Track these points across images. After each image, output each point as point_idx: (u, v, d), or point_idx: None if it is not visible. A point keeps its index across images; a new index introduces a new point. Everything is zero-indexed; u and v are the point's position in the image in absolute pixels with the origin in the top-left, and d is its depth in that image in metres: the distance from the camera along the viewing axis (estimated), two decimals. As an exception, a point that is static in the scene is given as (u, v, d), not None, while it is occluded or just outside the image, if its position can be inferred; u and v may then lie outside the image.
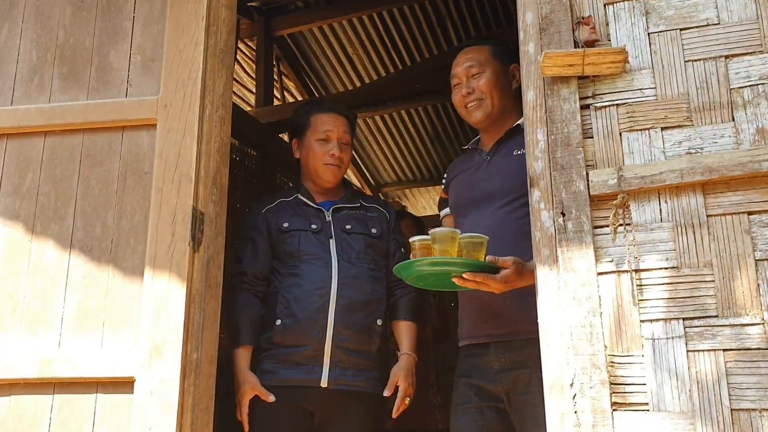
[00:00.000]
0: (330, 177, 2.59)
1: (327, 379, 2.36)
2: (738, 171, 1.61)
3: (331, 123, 2.61)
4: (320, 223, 2.53)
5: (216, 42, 2.22)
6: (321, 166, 2.58)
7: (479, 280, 1.89)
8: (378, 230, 2.58)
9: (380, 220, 2.62)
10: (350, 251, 2.50)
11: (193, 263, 2.02)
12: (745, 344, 1.54)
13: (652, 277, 1.63)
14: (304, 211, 2.56)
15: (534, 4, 1.87)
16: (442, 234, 1.94)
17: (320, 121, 2.60)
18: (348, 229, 2.53)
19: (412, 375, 2.47)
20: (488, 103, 2.27)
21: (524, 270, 1.93)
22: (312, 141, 2.59)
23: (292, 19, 4.90)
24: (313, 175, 2.61)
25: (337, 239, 2.51)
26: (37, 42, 2.29)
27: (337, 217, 2.56)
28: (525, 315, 2.03)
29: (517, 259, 1.92)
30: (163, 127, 2.12)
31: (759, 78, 1.67)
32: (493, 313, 2.13)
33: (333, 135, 2.59)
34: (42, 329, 2.04)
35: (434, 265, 1.92)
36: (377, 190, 6.94)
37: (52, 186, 2.15)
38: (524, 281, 1.94)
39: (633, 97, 1.75)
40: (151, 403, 1.91)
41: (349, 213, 2.58)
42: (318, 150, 2.57)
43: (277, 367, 2.40)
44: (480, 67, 2.29)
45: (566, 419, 1.61)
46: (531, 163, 1.80)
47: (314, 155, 2.58)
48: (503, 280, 1.90)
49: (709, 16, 1.74)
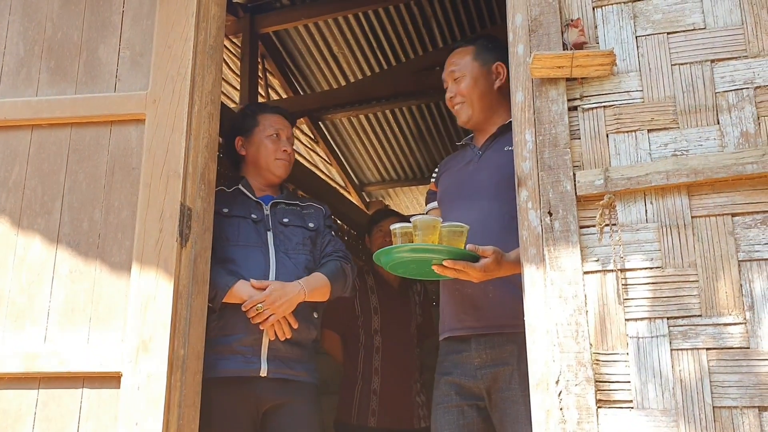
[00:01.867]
0: (281, 171, 2.66)
1: (266, 369, 2.37)
2: (722, 173, 1.64)
3: (280, 122, 2.72)
4: (260, 214, 2.58)
5: (205, 38, 2.22)
6: (273, 161, 2.65)
7: (459, 267, 1.92)
8: (315, 224, 2.65)
9: (317, 215, 2.69)
10: (287, 243, 2.54)
11: (180, 259, 2.02)
12: (727, 343, 1.57)
13: (637, 276, 1.66)
14: (244, 201, 2.60)
15: (523, 6, 1.89)
16: (423, 222, 1.96)
17: (269, 120, 2.70)
18: (285, 222, 2.58)
19: (286, 296, 2.38)
20: (468, 106, 2.32)
21: (503, 260, 1.96)
22: (262, 138, 2.66)
23: (278, 16, 4.89)
24: (263, 171, 2.66)
25: (274, 232, 2.55)
26: (24, 35, 2.28)
27: (275, 211, 2.61)
28: (506, 308, 2.06)
29: (497, 249, 1.96)
30: (151, 123, 2.11)
31: (743, 82, 1.70)
32: (474, 306, 2.15)
33: (282, 133, 2.69)
34: (28, 324, 2.02)
35: (415, 251, 1.93)
36: (361, 189, 6.95)
37: (39, 180, 2.14)
38: (503, 271, 1.98)
39: (620, 100, 1.77)
40: (138, 398, 1.91)
41: (286, 208, 2.64)
42: (270, 146, 2.65)
43: (216, 357, 2.34)
44: (461, 71, 2.34)
45: (551, 416, 1.63)
46: (519, 163, 1.82)
47: (266, 150, 2.65)
48: (482, 269, 1.93)
49: (696, 21, 1.77)
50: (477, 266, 1.93)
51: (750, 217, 1.63)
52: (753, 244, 1.61)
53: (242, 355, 2.37)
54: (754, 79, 1.69)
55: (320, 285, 2.48)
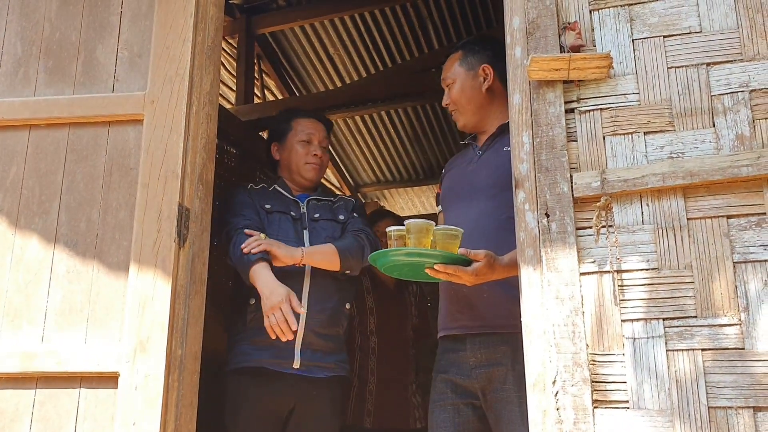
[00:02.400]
0: (312, 175, 2.74)
1: (299, 361, 2.45)
2: (718, 175, 1.65)
3: (313, 127, 2.79)
4: (297, 212, 2.67)
5: (204, 39, 2.22)
6: (303, 165, 2.73)
7: (450, 271, 1.93)
8: (344, 216, 2.72)
9: (346, 207, 2.77)
10: (318, 238, 2.62)
11: (178, 259, 2.03)
12: (723, 344, 1.59)
13: (634, 277, 1.67)
14: (283, 199, 2.70)
15: (521, 8, 1.90)
16: (416, 225, 1.98)
17: (302, 125, 2.78)
18: (316, 217, 2.67)
19: (282, 248, 2.48)
20: (460, 113, 2.37)
21: (496, 263, 1.98)
22: (294, 143, 2.75)
23: (274, 17, 4.89)
24: (294, 174, 2.75)
25: (309, 229, 2.64)
26: (22, 35, 2.28)
27: (310, 207, 2.71)
28: (501, 308, 2.08)
29: (489, 252, 1.97)
30: (149, 123, 2.12)
31: (739, 85, 1.72)
32: (469, 305, 2.16)
33: (314, 137, 2.76)
34: (25, 323, 2.03)
35: (409, 255, 1.96)
36: (356, 190, 6.95)
37: (36, 180, 2.14)
38: (496, 274, 1.99)
39: (617, 102, 1.79)
40: (136, 398, 1.91)
41: (318, 204, 2.72)
42: (301, 150, 2.74)
43: (251, 348, 2.47)
44: (451, 78, 2.38)
45: (548, 416, 1.64)
46: (516, 165, 1.83)
47: (297, 155, 2.74)
48: (474, 272, 1.94)
49: (692, 24, 1.79)
50: (468, 270, 1.94)
51: (745, 219, 1.64)
52: (748, 245, 1.62)
53: (276, 347, 2.43)
54: (749, 82, 1.71)
55: (325, 252, 2.53)
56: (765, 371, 1.55)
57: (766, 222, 1.63)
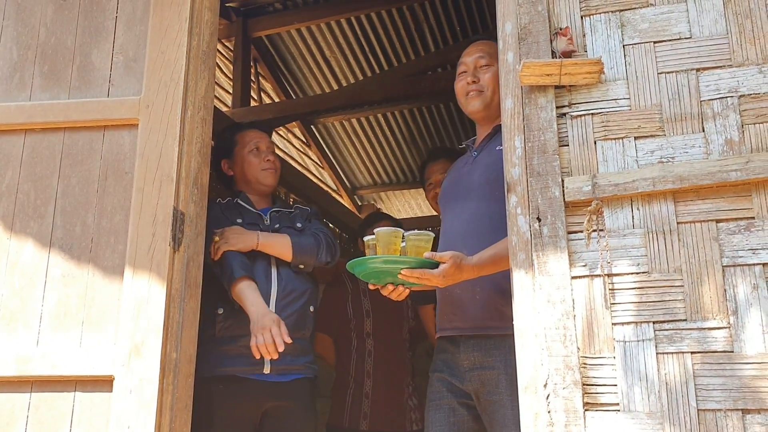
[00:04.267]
0: (270, 180, 2.78)
1: (269, 366, 2.48)
2: (707, 180, 1.67)
3: (256, 136, 2.84)
4: (263, 225, 2.70)
5: (198, 44, 2.23)
6: (260, 173, 2.76)
7: (417, 275, 1.96)
8: (301, 223, 2.75)
9: (302, 215, 2.80)
10: None
11: (173, 263, 2.04)
12: (712, 347, 1.60)
13: (624, 281, 1.69)
14: (248, 212, 2.72)
15: (513, 14, 1.91)
16: (383, 233, 2.06)
17: (248, 137, 2.82)
18: (277, 228, 2.69)
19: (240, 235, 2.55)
20: (488, 95, 2.30)
21: (464, 263, 2.00)
22: (245, 154, 2.78)
23: (270, 20, 4.91)
24: (254, 184, 2.78)
25: None
26: (17, 40, 2.29)
27: (272, 219, 2.73)
28: (492, 310, 2.09)
29: (456, 253, 1.99)
30: (144, 128, 2.13)
31: (728, 91, 1.73)
32: (462, 307, 2.18)
33: (261, 145, 2.81)
34: (20, 327, 2.03)
35: (386, 262, 1.99)
36: (353, 193, 6.97)
37: (31, 184, 2.15)
38: (465, 275, 2.01)
39: (608, 107, 1.80)
40: (130, 401, 1.92)
41: (277, 215, 2.75)
42: (253, 160, 2.77)
43: (222, 357, 2.49)
44: (489, 60, 2.32)
45: (539, 419, 1.65)
46: (508, 169, 1.84)
47: (250, 165, 2.77)
48: (441, 274, 1.97)
49: (682, 30, 1.80)
50: (435, 272, 1.97)
51: (734, 224, 1.66)
52: (737, 249, 1.64)
53: (246, 354, 2.44)
54: (738, 87, 1.72)
55: (278, 240, 2.61)
56: (753, 374, 1.56)
57: (754, 226, 1.64)
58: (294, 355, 2.53)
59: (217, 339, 2.51)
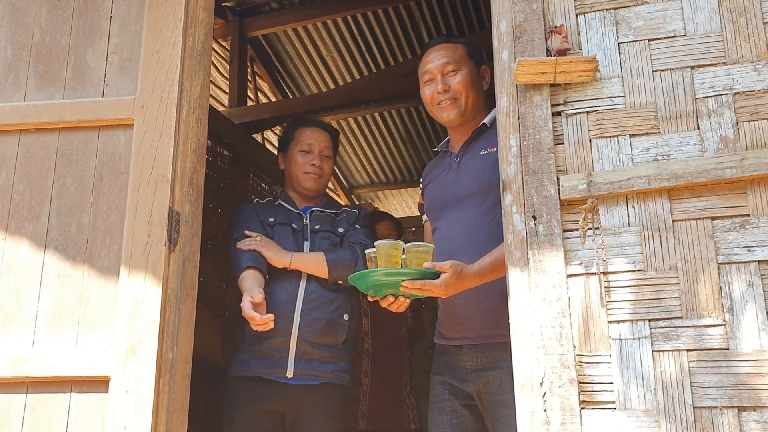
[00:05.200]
0: (310, 185, 2.74)
1: (293, 370, 2.47)
2: (702, 178, 1.67)
3: (314, 136, 2.78)
4: (300, 224, 2.69)
5: (193, 43, 2.23)
6: (302, 175, 2.74)
7: (418, 286, 1.96)
8: (344, 228, 2.71)
9: (347, 219, 2.76)
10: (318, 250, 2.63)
11: (168, 263, 2.03)
12: (707, 344, 1.60)
13: (620, 279, 1.69)
14: (286, 212, 2.72)
15: (508, 12, 1.91)
16: (384, 246, 2.08)
17: (303, 135, 2.78)
18: (316, 229, 2.68)
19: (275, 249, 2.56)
20: (462, 102, 2.26)
21: (465, 272, 2.00)
22: (295, 152, 2.76)
23: (267, 19, 4.90)
24: (295, 184, 2.77)
25: (310, 240, 2.66)
26: (12, 40, 2.28)
27: (311, 218, 2.71)
28: (497, 319, 2.07)
29: (456, 262, 1.99)
30: (139, 127, 2.13)
31: (723, 88, 1.73)
32: (468, 317, 2.17)
33: (314, 147, 2.76)
34: (16, 328, 2.03)
35: (387, 275, 2.01)
36: (350, 192, 6.96)
37: (26, 185, 2.15)
38: (467, 283, 2.01)
39: (603, 105, 1.80)
40: (127, 402, 1.92)
41: (320, 215, 2.72)
42: (300, 160, 2.74)
43: (249, 358, 2.53)
44: (456, 65, 2.27)
45: (536, 417, 1.65)
46: (504, 167, 1.84)
47: (296, 165, 2.75)
48: (443, 284, 1.97)
49: (676, 28, 1.80)
50: (437, 283, 1.97)
51: (729, 221, 1.66)
52: (732, 247, 1.64)
53: (271, 356, 2.48)
54: (733, 85, 1.72)
55: (313, 260, 2.56)
56: (749, 371, 1.56)
57: (750, 223, 1.64)
58: (321, 361, 2.52)
59: (246, 339, 2.54)
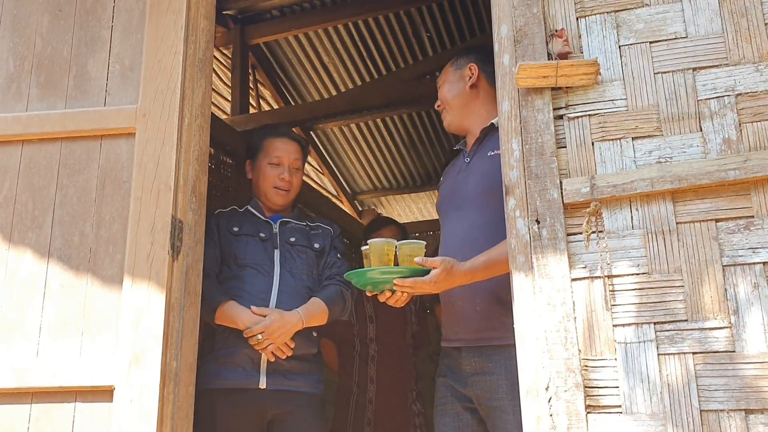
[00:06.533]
0: (279, 200, 2.66)
1: (265, 382, 2.43)
2: (706, 179, 1.66)
3: (283, 147, 2.68)
4: (268, 233, 2.61)
5: (195, 52, 2.23)
6: (270, 189, 2.65)
7: (408, 284, 1.99)
8: (320, 245, 2.66)
9: (324, 235, 2.70)
10: (292, 262, 2.58)
11: (172, 271, 2.03)
12: (713, 347, 1.59)
13: (624, 282, 1.68)
14: (253, 220, 2.64)
15: (509, 17, 1.91)
16: (376, 244, 2.10)
17: (272, 146, 2.68)
18: (292, 242, 2.61)
19: (285, 327, 2.42)
20: (447, 111, 2.40)
21: (455, 269, 2.01)
22: (264, 164, 2.67)
23: (268, 27, 4.91)
24: (262, 197, 2.69)
25: (281, 250, 2.59)
26: (14, 50, 2.29)
27: (284, 229, 2.64)
28: (493, 321, 2.09)
29: (446, 258, 2.01)
30: (141, 136, 2.13)
31: (725, 90, 1.73)
32: (465, 318, 2.18)
33: (284, 160, 2.66)
34: (19, 338, 2.03)
35: (383, 273, 2.04)
36: (353, 198, 6.96)
37: (29, 195, 2.15)
38: (457, 280, 2.03)
39: (605, 108, 1.80)
40: (131, 411, 1.91)
41: (294, 227, 2.66)
42: (269, 173, 2.65)
43: (219, 369, 2.45)
44: (441, 79, 2.44)
45: (542, 422, 1.64)
46: (506, 171, 1.84)
47: (265, 178, 2.66)
48: (432, 280, 1.99)
49: (677, 30, 1.80)
50: (426, 279, 1.99)
51: (733, 223, 1.65)
52: (736, 249, 1.63)
53: (242, 367, 2.44)
54: (735, 86, 1.72)
55: (318, 312, 2.51)
56: (755, 374, 1.55)
57: (754, 225, 1.63)
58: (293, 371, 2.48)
59: (216, 350, 2.49)
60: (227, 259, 2.56)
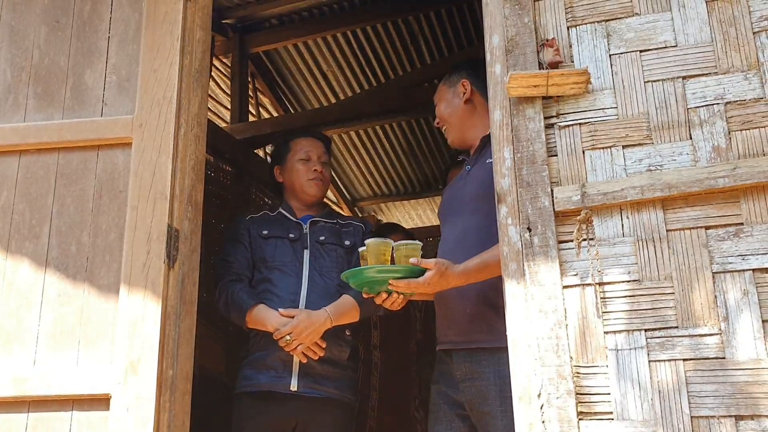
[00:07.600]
0: (315, 191, 2.76)
1: (296, 384, 2.48)
2: (696, 187, 1.68)
3: (310, 144, 2.82)
4: (297, 233, 2.68)
5: (191, 62, 2.25)
6: (306, 182, 2.75)
7: (402, 285, 2.02)
8: (351, 242, 2.71)
9: (355, 232, 2.75)
10: (322, 261, 2.64)
11: (168, 280, 2.04)
12: (703, 354, 1.60)
13: (615, 289, 1.69)
14: (284, 222, 2.72)
15: (500, 26, 1.93)
16: (374, 244, 2.13)
17: (300, 145, 2.82)
18: (321, 240, 2.67)
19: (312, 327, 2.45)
20: (448, 129, 2.44)
21: (449, 271, 2.03)
22: (294, 162, 2.78)
23: (267, 36, 4.93)
24: (298, 193, 2.77)
25: (311, 249, 2.66)
26: (11, 61, 2.31)
27: (314, 229, 2.71)
28: (483, 324, 2.11)
29: (440, 260, 2.04)
30: (138, 146, 2.14)
31: (714, 98, 1.74)
32: (455, 321, 2.20)
33: (313, 155, 2.79)
34: (17, 347, 2.04)
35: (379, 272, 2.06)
36: (353, 205, 6.97)
37: (27, 204, 2.17)
38: (451, 282, 2.05)
39: (595, 117, 1.81)
40: (128, 419, 1.92)
41: (324, 225, 2.73)
42: (301, 168, 2.77)
43: (253, 373, 2.53)
44: (437, 99, 2.48)
45: (534, 429, 1.65)
46: (498, 180, 1.85)
47: (298, 174, 2.77)
48: (425, 281, 2.01)
49: (667, 39, 1.82)
50: (420, 281, 2.02)
51: (723, 230, 1.66)
52: (726, 256, 1.64)
53: (274, 370, 2.50)
54: (724, 94, 1.73)
55: (348, 309, 2.53)
56: (746, 380, 1.56)
57: (743, 232, 1.65)
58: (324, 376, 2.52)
59: (250, 354, 2.55)
60: (257, 262, 2.65)
